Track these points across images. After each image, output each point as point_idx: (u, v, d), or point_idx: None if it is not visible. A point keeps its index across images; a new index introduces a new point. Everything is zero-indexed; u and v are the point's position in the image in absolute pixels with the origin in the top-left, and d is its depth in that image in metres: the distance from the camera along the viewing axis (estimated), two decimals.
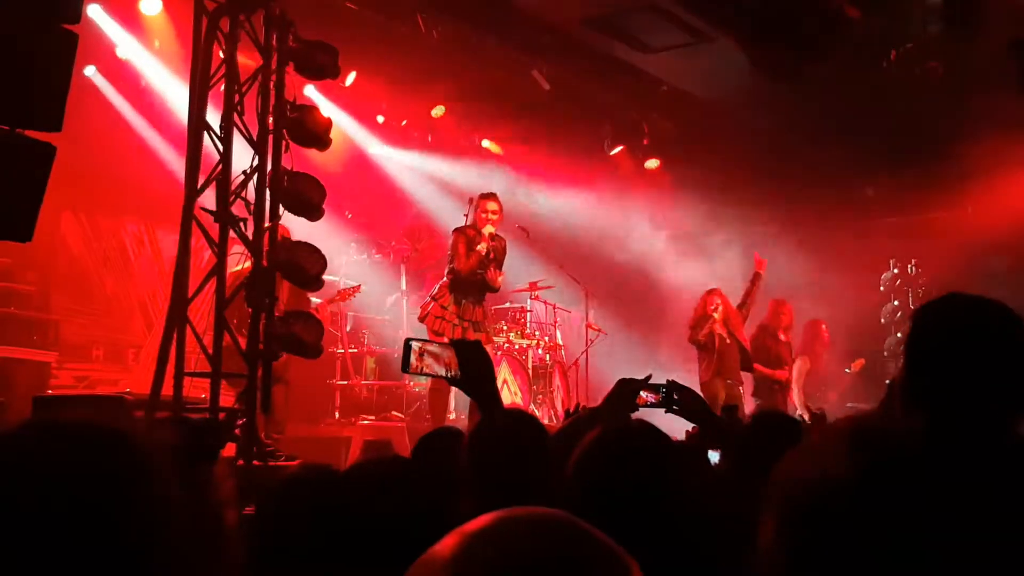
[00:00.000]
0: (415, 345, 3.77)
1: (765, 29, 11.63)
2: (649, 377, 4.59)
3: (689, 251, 16.25)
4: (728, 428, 4.84)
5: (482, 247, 10.61)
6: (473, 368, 3.65)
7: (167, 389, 7.80)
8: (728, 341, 11.94)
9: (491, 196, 10.96)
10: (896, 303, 15.26)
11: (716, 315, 11.94)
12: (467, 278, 10.71)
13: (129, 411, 7.60)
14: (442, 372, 3.74)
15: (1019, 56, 10.66)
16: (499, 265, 10.97)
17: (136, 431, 1.45)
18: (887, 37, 11.86)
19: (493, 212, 10.80)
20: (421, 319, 10.90)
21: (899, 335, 14.11)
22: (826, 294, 14.33)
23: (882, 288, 15.38)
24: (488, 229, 10.66)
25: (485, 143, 16.22)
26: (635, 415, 4.78)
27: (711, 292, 12.27)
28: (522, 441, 3.41)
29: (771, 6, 11.16)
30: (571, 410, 5.03)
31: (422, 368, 3.76)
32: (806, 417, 13.89)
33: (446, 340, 7.59)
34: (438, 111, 14.38)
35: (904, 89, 12.34)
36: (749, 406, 11.77)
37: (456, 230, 11.04)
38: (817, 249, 14.85)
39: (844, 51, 11.68)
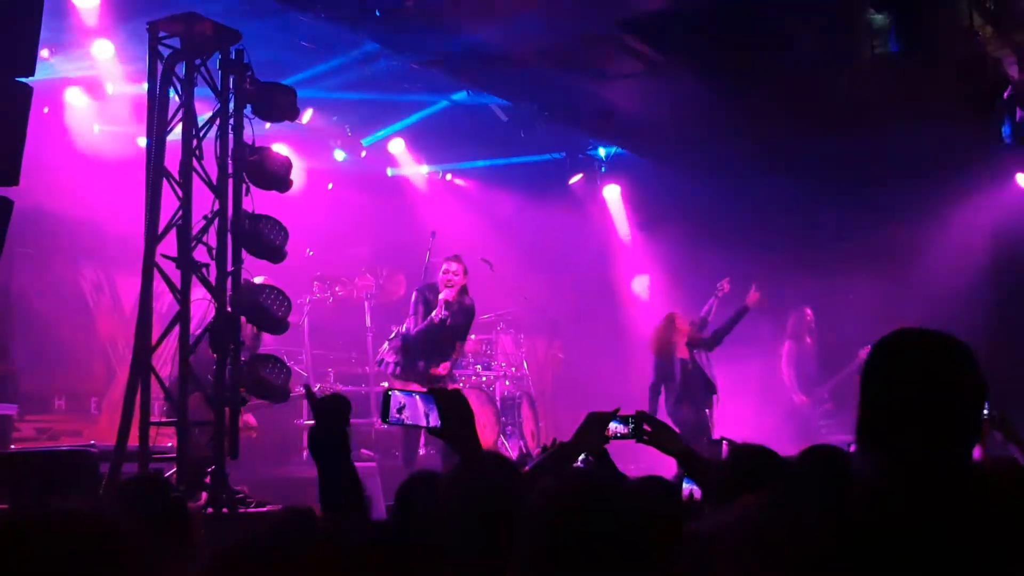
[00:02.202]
0: (395, 395, 3.78)
1: (717, 55, 11.74)
2: (618, 410, 4.61)
3: (654, 277, 16.31)
4: (702, 461, 4.84)
5: (437, 314, 10.80)
6: (452, 417, 3.66)
7: (133, 439, 7.71)
8: (690, 367, 11.92)
9: (452, 257, 11.09)
10: None
11: (676, 339, 11.95)
12: (416, 340, 10.80)
13: (95, 466, 7.52)
14: (421, 422, 3.74)
15: (969, 79, 10.78)
16: (459, 334, 11.08)
17: (115, 519, 1.46)
18: (837, 60, 11.98)
19: (454, 273, 10.93)
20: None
21: None
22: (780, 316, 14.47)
23: None
24: (442, 296, 10.84)
25: (448, 176, 16.25)
26: (607, 446, 4.81)
27: (670, 317, 12.28)
28: (495, 497, 3.41)
29: (722, 32, 11.24)
30: (547, 445, 5.02)
31: (402, 418, 3.75)
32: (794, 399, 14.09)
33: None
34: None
35: (854, 111, 12.47)
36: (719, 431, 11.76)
37: (418, 290, 11.19)
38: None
39: (794, 74, 11.80)
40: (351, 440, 3.84)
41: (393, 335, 11.93)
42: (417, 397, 3.79)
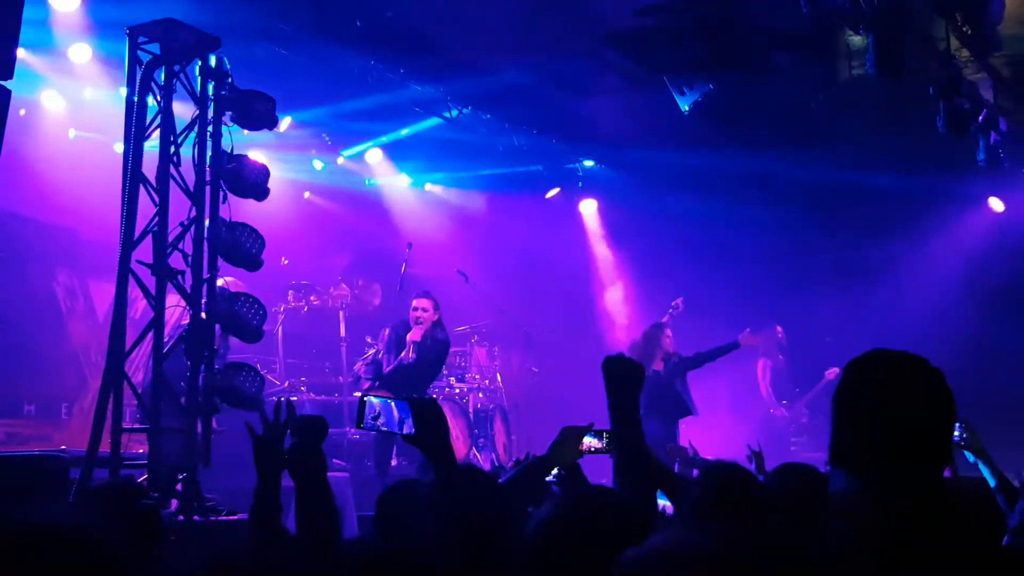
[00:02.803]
0: (370, 402, 3.78)
1: (697, 74, 11.81)
2: (591, 425, 4.63)
3: (629, 291, 16.35)
4: (675, 477, 4.86)
5: (405, 355, 10.93)
6: (428, 426, 3.66)
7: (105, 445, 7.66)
8: (663, 381, 11.84)
9: (422, 294, 11.21)
10: None
11: (655, 351, 11.92)
12: (389, 379, 11.00)
13: (66, 471, 7.47)
14: (396, 429, 3.74)
15: (946, 99, 10.87)
16: (433, 370, 11.28)
17: (91, 530, 1.47)
18: (815, 80, 12.07)
19: (423, 310, 11.01)
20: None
21: None
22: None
23: None
24: (410, 336, 10.97)
25: (427, 186, 16.25)
26: (580, 461, 4.82)
27: (659, 326, 12.23)
28: (479, 504, 3.46)
29: (702, 51, 11.30)
30: (519, 459, 5.02)
31: (376, 425, 3.76)
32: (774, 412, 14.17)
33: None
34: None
35: (831, 131, 12.57)
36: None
37: (391, 327, 11.33)
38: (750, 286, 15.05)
39: (772, 93, 11.88)
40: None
41: (369, 354, 11.98)
42: (392, 404, 3.79)
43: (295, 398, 12.69)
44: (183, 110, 8.47)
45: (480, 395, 13.51)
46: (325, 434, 3.94)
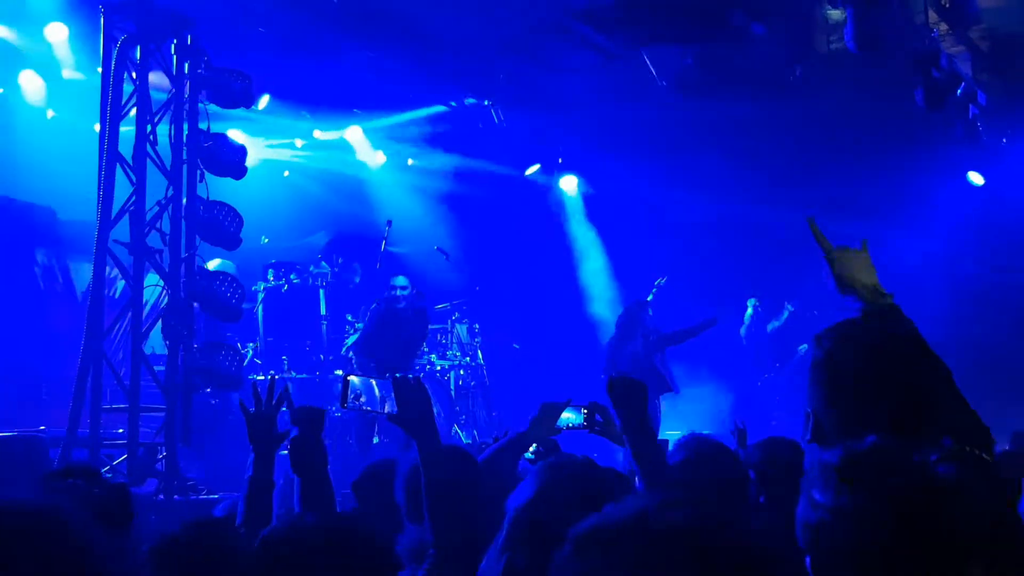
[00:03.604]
0: (353, 381, 3.78)
1: (674, 47, 11.80)
2: (570, 400, 4.63)
3: (610, 266, 16.37)
4: (655, 453, 4.87)
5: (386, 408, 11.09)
6: (411, 405, 3.65)
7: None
8: (640, 356, 11.81)
9: (397, 278, 11.49)
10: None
11: (636, 327, 11.91)
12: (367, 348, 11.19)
13: (45, 451, 7.46)
14: (379, 407, 3.74)
15: (924, 72, 10.87)
16: (417, 339, 11.43)
17: (66, 516, 1.47)
18: (793, 54, 12.05)
19: (403, 289, 11.06)
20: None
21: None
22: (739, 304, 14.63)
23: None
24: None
25: (410, 161, 16.18)
26: (558, 437, 4.83)
27: (642, 304, 12.24)
28: (458, 484, 3.49)
29: (679, 24, 11.28)
30: (499, 437, 5.03)
31: (359, 404, 3.76)
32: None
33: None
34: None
35: (808, 105, 12.56)
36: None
37: (375, 305, 11.36)
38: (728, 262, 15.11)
39: (750, 66, 11.86)
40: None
41: (356, 333, 12.07)
42: (375, 383, 3.79)
43: (276, 376, 12.64)
44: (160, 88, 8.46)
45: (461, 372, 13.52)
46: (323, 425, 3.95)
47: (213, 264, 11.25)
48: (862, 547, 1.81)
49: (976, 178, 14.78)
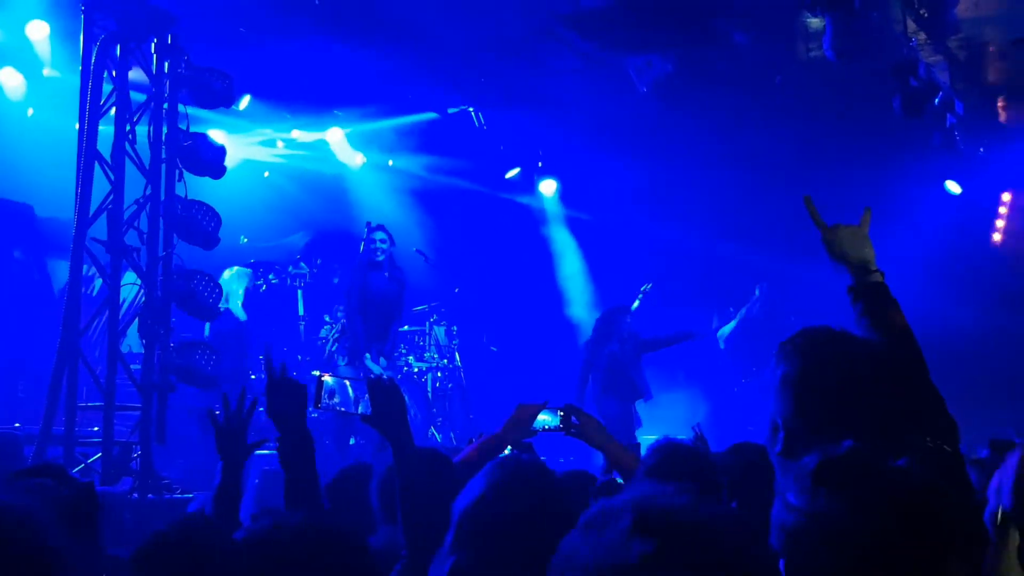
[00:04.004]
0: (326, 382, 3.77)
1: (656, 53, 11.83)
2: (546, 402, 4.64)
3: (589, 269, 16.41)
4: (629, 456, 4.89)
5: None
6: (384, 407, 3.65)
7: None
8: (618, 359, 11.83)
9: (378, 227, 11.17)
10: None
11: (613, 329, 11.92)
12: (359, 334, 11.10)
13: (20, 449, 7.44)
14: (352, 408, 3.73)
15: (902, 81, 10.94)
16: (397, 306, 11.36)
17: (30, 516, 1.47)
18: (773, 61, 12.10)
19: (382, 242, 11.01)
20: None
21: None
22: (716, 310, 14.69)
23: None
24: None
25: (390, 163, 16.15)
26: (534, 439, 4.85)
27: (622, 308, 12.25)
28: (432, 486, 3.49)
29: (661, 31, 11.31)
30: (474, 438, 5.04)
31: (333, 404, 3.75)
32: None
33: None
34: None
35: (787, 111, 12.62)
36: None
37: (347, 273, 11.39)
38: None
39: (732, 74, 11.91)
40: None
41: (336, 331, 12.02)
42: (348, 384, 3.78)
43: (254, 376, 12.66)
44: (140, 87, 8.44)
45: (439, 374, 13.54)
46: (305, 404, 3.82)
47: (228, 273, 11.35)
48: (838, 550, 1.83)
49: (954, 187, 14.86)
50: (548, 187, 16.43)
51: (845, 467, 1.94)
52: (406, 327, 13.79)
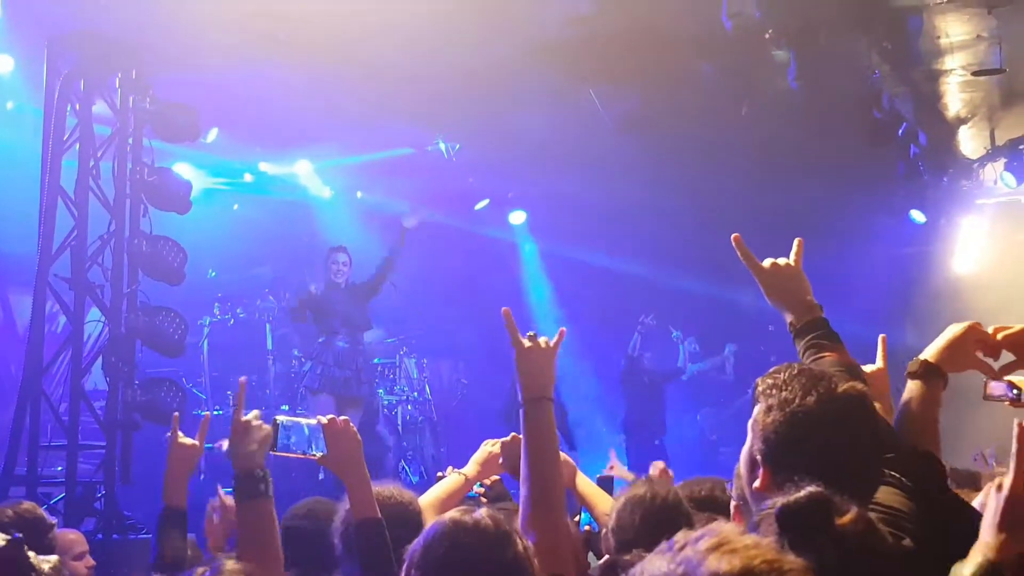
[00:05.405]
0: (283, 423, 3.75)
1: (621, 84, 11.87)
2: (513, 437, 4.62)
3: (562, 299, 16.43)
4: (599, 494, 4.87)
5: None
6: (339, 449, 3.67)
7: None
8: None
9: (339, 248, 11.25)
10: None
11: None
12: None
13: None
14: (309, 451, 3.73)
15: (866, 112, 11.03)
16: (360, 313, 11.63)
17: None
18: (738, 92, 12.17)
19: (343, 264, 11.07)
20: None
21: None
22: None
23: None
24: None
25: (359, 194, 16.11)
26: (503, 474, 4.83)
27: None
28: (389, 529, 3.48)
29: (626, 62, 11.34)
30: (442, 474, 5.01)
31: (290, 447, 3.73)
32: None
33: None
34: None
35: (753, 143, 12.69)
36: None
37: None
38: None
39: (698, 106, 11.97)
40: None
41: (308, 365, 12.00)
42: (304, 426, 3.77)
43: (220, 411, 12.55)
44: (104, 121, 8.39)
45: (409, 407, 13.47)
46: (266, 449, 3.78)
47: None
48: None
49: (919, 216, 14.97)
50: (517, 218, 16.45)
51: (807, 511, 1.94)
52: (377, 360, 13.72)
